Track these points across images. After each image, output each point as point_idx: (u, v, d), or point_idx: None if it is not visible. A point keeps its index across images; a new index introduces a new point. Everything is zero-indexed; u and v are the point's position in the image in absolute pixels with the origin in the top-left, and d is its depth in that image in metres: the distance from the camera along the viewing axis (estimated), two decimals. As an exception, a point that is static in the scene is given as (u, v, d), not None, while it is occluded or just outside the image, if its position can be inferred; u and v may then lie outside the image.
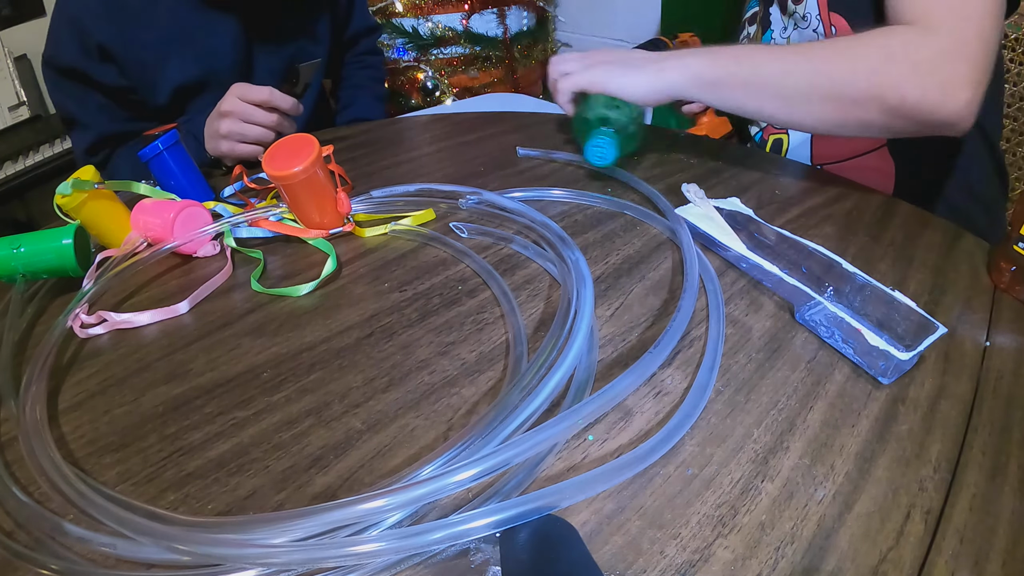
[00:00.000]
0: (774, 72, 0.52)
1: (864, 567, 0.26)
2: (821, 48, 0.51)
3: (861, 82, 0.48)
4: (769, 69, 0.52)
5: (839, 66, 0.49)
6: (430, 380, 0.38)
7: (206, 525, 0.29)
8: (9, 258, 0.48)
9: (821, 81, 0.50)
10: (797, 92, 0.51)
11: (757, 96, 0.53)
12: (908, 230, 0.51)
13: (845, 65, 0.49)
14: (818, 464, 0.31)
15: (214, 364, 0.41)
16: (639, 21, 1.86)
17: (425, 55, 1.86)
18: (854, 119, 0.50)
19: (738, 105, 0.54)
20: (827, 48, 0.51)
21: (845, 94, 0.49)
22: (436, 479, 0.26)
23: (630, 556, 0.27)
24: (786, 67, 0.51)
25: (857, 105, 0.49)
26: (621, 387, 0.32)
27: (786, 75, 0.51)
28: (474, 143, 0.75)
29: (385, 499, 0.26)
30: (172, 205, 0.53)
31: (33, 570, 0.28)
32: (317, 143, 0.51)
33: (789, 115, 0.53)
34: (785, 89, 0.51)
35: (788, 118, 0.53)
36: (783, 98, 0.52)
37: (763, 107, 0.53)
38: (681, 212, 0.51)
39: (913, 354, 0.34)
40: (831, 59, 0.50)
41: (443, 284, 0.47)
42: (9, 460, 0.34)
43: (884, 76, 0.47)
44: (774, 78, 0.52)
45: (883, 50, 0.48)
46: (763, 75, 0.52)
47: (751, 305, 0.43)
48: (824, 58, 0.50)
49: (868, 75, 0.48)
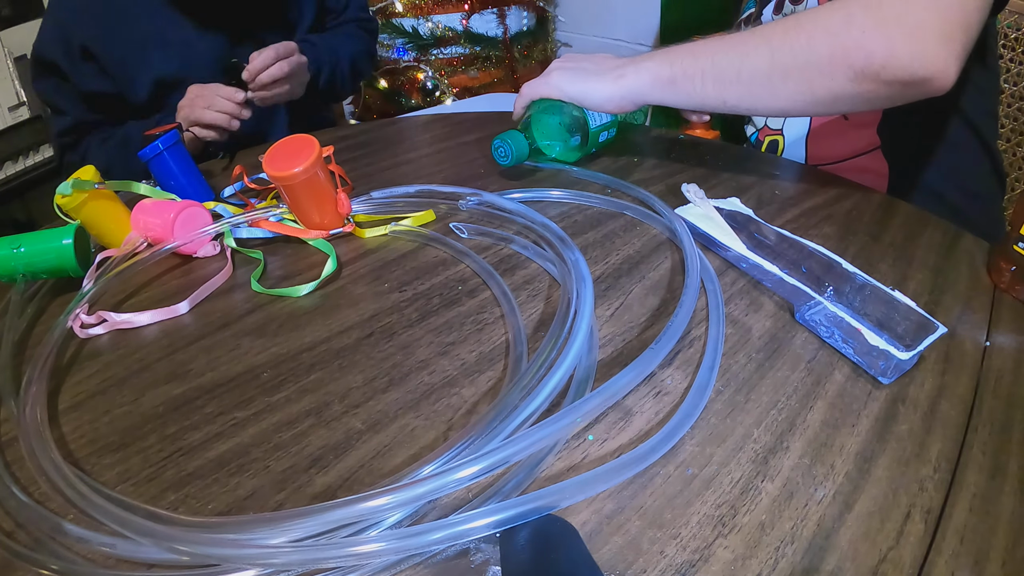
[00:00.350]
0: (732, 58, 0.50)
1: (864, 567, 0.26)
2: (777, 25, 0.49)
3: (822, 47, 0.46)
4: (726, 56, 0.50)
5: (797, 38, 0.47)
6: (430, 380, 0.38)
7: (206, 525, 0.29)
8: (9, 258, 0.48)
9: (781, 57, 0.48)
10: (757, 74, 0.49)
11: (717, 86, 0.51)
12: (908, 230, 0.51)
13: (803, 36, 0.46)
14: (818, 464, 0.31)
15: (214, 364, 0.41)
16: (639, 21, 1.86)
17: (425, 55, 1.86)
18: (824, 91, 0.47)
19: (700, 99, 0.52)
20: (783, 24, 0.48)
21: (808, 65, 0.46)
22: (436, 477, 0.26)
23: (630, 556, 0.27)
24: (744, 50, 0.50)
25: (823, 75, 0.46)
26: (622, 383, 0.32)
27: (744, 58, 0.49)
28: (474, 143, 0.75)
29: (386, 498, 0.26)
30: (172, 205, 0.53)
31: (33, 570, 0.28)
32: (317, 144, 0.51)
33: (754, 101, 0.51)
34: (744, 73, 0.49)
35: (753, 104, 0.51)
36: (744, 83, 0.50)
37: (725, 96, 0.51)
38: (681, 212, 0.51)
39: (913, 354, 0.34)
40: (788, 33, 0.47)
41: (443, 284, 0.47)
42: (9, 460, 0.34)
43: (846, 37, 0.45)
44: (732, 64, 0.50)
45: (842, 11, 0.45)
46: (721, 64, 0.51)
47: (751, 305, 0.43)
48: (781, 34, 0.48)
49: (828, 39, 0.45)
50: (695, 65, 0.52)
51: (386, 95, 1.97)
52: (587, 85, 0.57)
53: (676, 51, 0.54)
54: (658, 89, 0.54)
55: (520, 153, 0.61)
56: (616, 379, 0.32)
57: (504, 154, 0.61)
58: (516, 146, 0.60)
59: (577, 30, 2.10)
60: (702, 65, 0.52)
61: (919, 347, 0.34)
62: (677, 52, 0.54)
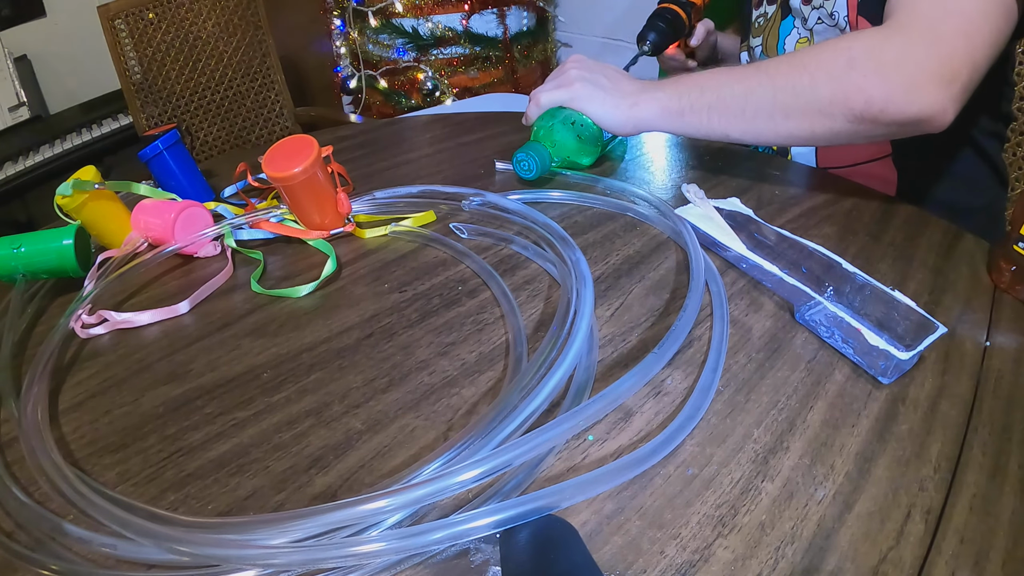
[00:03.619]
0: (736, 94, 0.52)
1: (864, 567, 0.26)
2: (782, 63, 0.51)
3: (823, 90, 0.48)
4: (731, 91, 0.53)
5: (801, 79, 0.49)
6: (430, 380, 0.38)
7: (206, 526, 0.29)
8: (9, 258, 0.48)
9: (783, 97, 0.50)
10: (760, 110, 0.51)
11: (723, 120, 0.53)
12: (908, 230, 0.51)
13: (806, 77, 0.49)
14: (818, 464, 0.31)
15: (214, 365, 0.41)
16: (639, 21, 1.85)
17: (425, 55, 1.86)
18: (823, 129, 0.49)
19: (706, 131, 0.55)
20: (788, 62, 0.50)
21: (810, 106, 0.49)
22: (436, 480, 0.26)
23: (630, 556, 0.27)
24: (749, 87, 0.52)
25: (823, 115, 0.48)
26: (624, 387, 0.32)
27: (748, 94, 0.51)
28: (474, 144, 0.75)
29: (386, 500, 0.26)
30: (173, 205, 0.53)
31: (33, 570, 0.28)
32: (316, 143, 0.51)
33: (756, 135, 0.53)
34: (748, 110, 0.52)
35: (756, 137, 0.54)
36: (747, 119, 0.52)
37: (728, 130, 0.54)
38: (681, 212, 0.51)
39: (913, 354, 0.34)
40: (792, 73, 0.49)
41: (443, 285, 0.47)
42: (9, 460, 0.34)
43: (847, 82, 0.47)
44: (736, 100, 0.52)
45: (844, 55, 0.47)
46: (726, 98, 0.53)
47: (751, 305, 0.43)
48: (785, 73, 0.50)
49: (830, 83, 0.47)
50: (702, 99, 0.54)
51: (386, 95, 1.97)
52: (604, 107, 0.58)
53: (685, 82, 0.56)
54: (666, 120, 0.56)
55: (545, 166, 0.59)
56: (619, 383, 0.32)
57: (528, 168, 0.59)
58: (541, 159, 0.59)
59: (577, 30, 2.10)
60: (708, 99, 0.54)
61: (919, 347, 0.34)
62: (685, 84, 0.56)
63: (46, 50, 1.75)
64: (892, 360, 0.34)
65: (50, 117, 1.75)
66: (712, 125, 0.54)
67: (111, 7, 1.36)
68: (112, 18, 1.36)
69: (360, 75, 2.01)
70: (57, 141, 1.60)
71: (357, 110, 2.07)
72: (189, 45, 1.47)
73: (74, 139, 1.61)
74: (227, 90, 1.55)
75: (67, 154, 1.55)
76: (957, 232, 0.51)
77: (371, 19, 1.86)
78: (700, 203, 0.52)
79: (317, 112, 1.71)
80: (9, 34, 1.66)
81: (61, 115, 1.76)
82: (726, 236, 0.48)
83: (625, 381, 0.32)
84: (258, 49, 1.57)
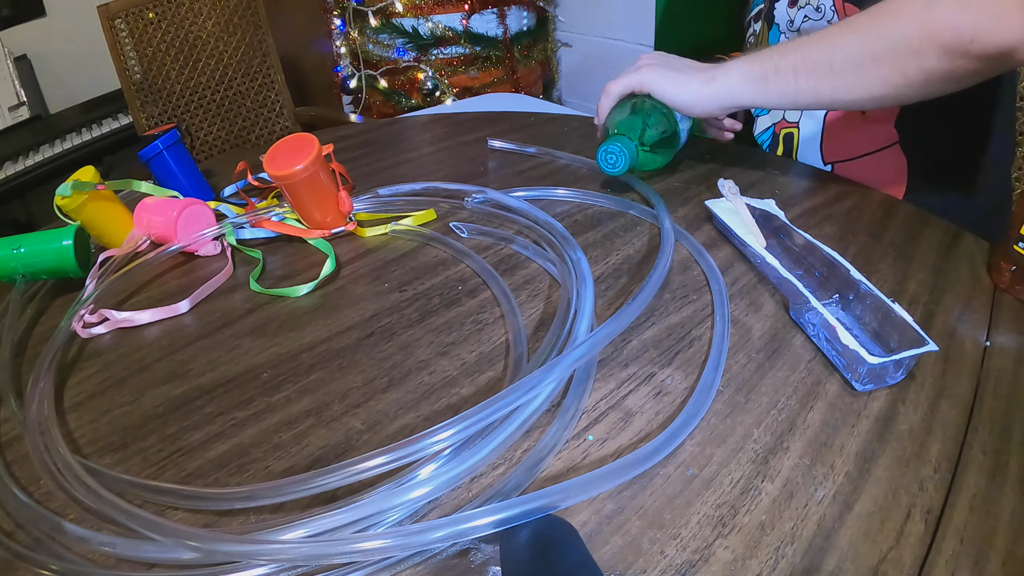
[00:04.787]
0: (821, 50, 0.51)
1: (864, 567, 0.26)
2: (860, 15, 0.50)
3: (910, 29, 0.47)
4: (815, 48, 0.51)
5: (884, 23, 0.48)
6: (430, 380, 0.38)
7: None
8: (9, 258, 0.48)
9: (870, 43, 0.49)
10: (849, 62, 0.50)
11: (811, 78, 0.51)
12: (908, 230, 0.51)
13: (889, 20, 0.48)
14: (818, 464, 0.31)
15: (214, 364, 0.41)
16: (639, 21, 1.85)
17: (425, 55, 1.86)
18: (916, 72, 0.48)
19: (793, 95, 0.53)
20: (866, 14, 0.49)
21: (899, 48, 0.47)
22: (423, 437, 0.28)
23: (630, 556, 0.27)
24: (833, 42, 0.50)
25: (914, 55, 0.47)
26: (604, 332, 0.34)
27: (834, 49, 0.50)
28: (474, 143, 0.75)
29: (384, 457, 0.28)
30: (175, 203, 0.53)
31: (33, 570, 0.28)
32: (317, 142, 0.51)
33: (849, 90, 0.51)
34: (836, 63, 0.50)
35: (848, 95, 0.51)
36: (836, 73, 0.50)
37: (819, 89, 0.52)
38: (710, 204, 0.52)
39: (885, 361, 0.33)
40: (874, 20, 0.49)
41: (443, 284, 0.47)
42: (9, 460, 0.34)
43: (930, 17, 0.46)
44: (823, 55, 0.51)
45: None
46: (811, 56, 0.51)
47: (751, 305, 0.43)
48: (867, 22, 0.49)
49: (915, 21, 0.46)
50: (784, 60, 0.52)
51: (386, 95, 1.97)
52: (678, 84, 0.56)
53: (760, 52, 0.54)
54: (749, 86, 0.54)
55: (633, 158, 0.56)
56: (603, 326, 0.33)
57: (613, 162, 0.56)
58: (629, 151, 0.55)
59: (577, 30, 2.10)
60: (792, 60, 0.52)
61: (893, 356, 0.34)
62: (762, 52, 0.54)
63: (46, 50, 1.75)
64: (863, 364, 0.34)
65: (50, 117, 1.75)
66: (800, 86, 0.52)
67: (111, 7, 1.36)
68: (112, 18, 1.36)
69: (360, 75, 2.01)
70: (57, 141, 1.60)
71: (357, 110, 2.07)
72: (189, 45, 1.47)
73: (74, 139, 1.61)
74: (227, 90, 1.55)
75: (67, 154, 1.55)
76: (957, 232, 0.51)
77: (371, 19, 1.85)
78: (732, 198, 0.52)
79: (317, 112, 1.71)
80: (9, 34, 1.66)
81: (61, 115, 1.76)
82: (747, 232, 0.48)
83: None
84: (258, 49, 1.57)
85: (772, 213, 0.50)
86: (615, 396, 0.36)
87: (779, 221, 0.49)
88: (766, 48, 0.55)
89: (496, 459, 0.32)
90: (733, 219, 0.50)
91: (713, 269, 0.45)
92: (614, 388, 0.36)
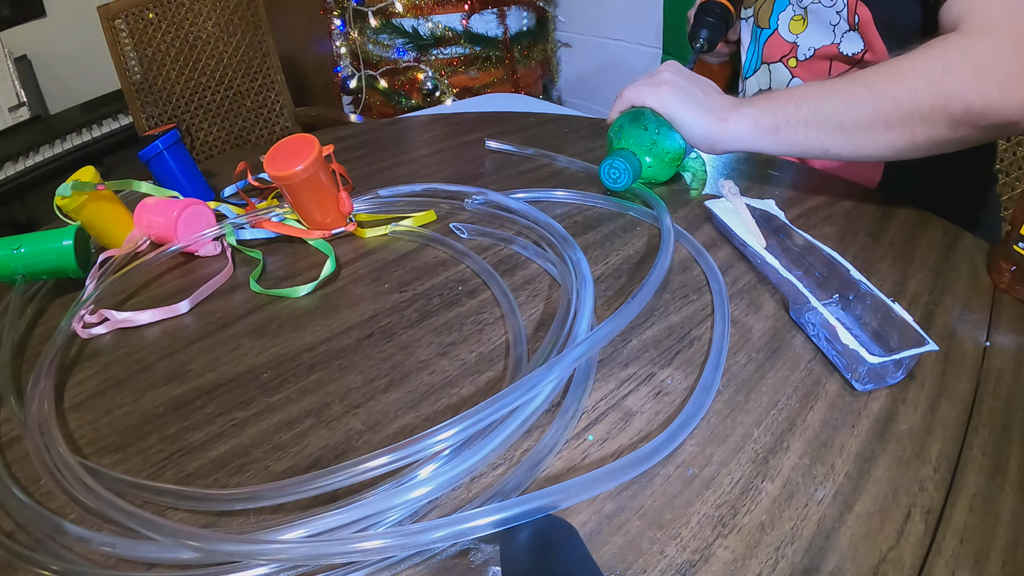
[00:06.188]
0: (835, 107, 0.51)
1: (864, 567, 0.26)
2: (876, 74, 0.50)
3: (924, 97, 0.47)
4: (829, 105, 0.51)
5: (900, 87, 0.48)
6: (430, 381, 0.38)
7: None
8: (9, 259, 0.48)
9: (884, 107, 0.49)
10: (861, 123, 0.50)
11: (820, 134, 0.52)
12: (908, 230, 0.51)
13: (905, 85, 0.48)
14: (818, 464, 0.31)
15: (214, 365, 0.41)
16: (639, 21, 1.86)
17: (425, 55, 1.86)
18: (923, 138, 0.49)
19: (801, 148, 0.53)
20: (883, 72, 0.49)
21: (911, 114, 0.48)
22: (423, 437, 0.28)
23: (630, 556, 0.27)
24: (847, 100, 0.50)
25: (924, 123, 0.48)
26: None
27: (848, 107, 0.50)
28: (474, 143, 0.75)
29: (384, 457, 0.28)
30: (176, 203, 0.53)
31: (33, 570, 0.28)
32: (317, 142, 0.51)
33: (855, 149, 0.51)
34: (848, 122, 0.50)
35: (854, 151, 0.52)
36: (847, 132, 0.51)
37: (827, 144, 0.52)
38: (710, 204, 0.52)
39: (885, 360, 0.33)
40: (890, 82, 0.49)
41: (443, 285, 0.47)
42: (9, 460, 0.34)
43: (945, 87, 0.46)
44: (836, 114, 0.51)
45: (940, 60, 0.47)
46: (823, 112, 0.51)
47: (751, 305, 0.43)
48: (883, 83, 0.49)
49: (930, 89, 0.47)
50: (798, 114, 0.52)
51: (386, 95, 1.97)
52: (694, 117, 0.55)
53: (776, 97, 0.54)
54: (759, 136, 0.54)
55: (636, 177, 0.56)
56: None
57: (616, 178, 0.56)
58: (632, 168, 0.55)
59: (577, 30, 2.10)
60: (805, 114, 0.52)
61: (894, 356, 0.34)
62: (777, 99, 0.54)
63: (46, 50, 1.75)
64: (864, 363, 0.34)
65: (50, 117, 1.75)
66: (809, 141, 0.52)
67: (111, 7, 1.36)
68: (112, 18, 1.36)
69: (360, 75, 2.01)
70: (57, 141, 1.60)
71: (357, 110, 2.07)
72: (189, 45, 1.47)
73: (74, 139, 1.61)
74: (227, 90, 1.55)
75: (67, 154, 1.55)
76: (957, 232, 0.51)
77: (371, 19, 1.86)
78: (732, 199, 0.52)
79: (317, 112, 1.71)
80: (9, 34, 1.66)
81: (61, 115, 1.77)
82: (747, 232, 0.48)
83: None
84: (258, 49, 1.57)
85: (772, 213, 0.50)
86: (615, 396, 0.36)
87: (779, 221, 0.49)
88: (782, 93, 0.54)
89: (496, 459, 0.32)
90: (733, 219, 0.50)
91: (713, 269, 0.45)
92: (614, 388, 0.36)
